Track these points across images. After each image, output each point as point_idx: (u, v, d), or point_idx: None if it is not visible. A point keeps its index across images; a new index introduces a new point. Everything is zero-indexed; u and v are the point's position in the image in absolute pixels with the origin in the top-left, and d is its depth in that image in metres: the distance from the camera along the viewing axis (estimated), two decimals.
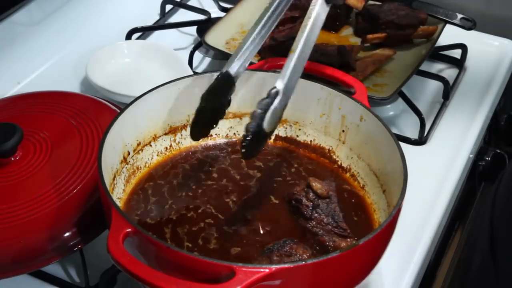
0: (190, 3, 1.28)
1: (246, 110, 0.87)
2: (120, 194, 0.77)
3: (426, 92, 1.11)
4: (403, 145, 0.82)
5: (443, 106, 1.06)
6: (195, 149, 0.86)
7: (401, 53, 1.09)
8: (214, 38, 1.08)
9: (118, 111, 0.78)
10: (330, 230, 0.74)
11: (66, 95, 0.92)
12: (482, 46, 1.19)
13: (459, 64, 1.15)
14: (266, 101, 0.72)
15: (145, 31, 1.20)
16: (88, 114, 0.86)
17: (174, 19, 1.26)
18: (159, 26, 1.22)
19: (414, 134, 1.01)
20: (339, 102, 0.83)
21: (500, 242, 0.82)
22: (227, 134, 0.88)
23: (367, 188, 0.81)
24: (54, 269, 0.81)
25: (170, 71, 1.07)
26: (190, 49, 1.11)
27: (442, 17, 1.11)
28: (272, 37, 1.01)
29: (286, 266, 0.62)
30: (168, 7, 1.26)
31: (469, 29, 1.09)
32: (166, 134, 0.85)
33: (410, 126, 1.03)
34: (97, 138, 0.82)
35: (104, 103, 0.90)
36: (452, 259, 1.00)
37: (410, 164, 0.73)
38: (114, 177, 0.76)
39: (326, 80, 0.87)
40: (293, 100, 0.83)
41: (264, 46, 0.90)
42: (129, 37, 1.15)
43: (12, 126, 0.79)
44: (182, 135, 0.86)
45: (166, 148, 0.85)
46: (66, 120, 0.85)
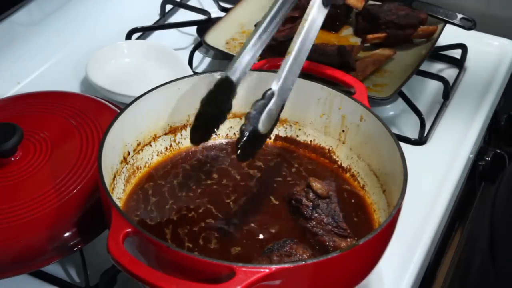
0: (190, 3, 1.28)
1: (246, 110, 0.86)
2: (120, 194, 0.77)
3: (426, 92, 1.11)
4: (403, 145, 0.82)
5: (443, 106, 1.06)
6: (195, 149, 0.86)
7: (401, 53, 1.09)
8: (214, 38, 1.08)
9: (118, 111, 0.78)
10: (330, 230, 0.74)
11: (66, 95, 0.92)
12: (482, 46, 1.19)
13: (459, 64, 1.15)
14: (261, 102, 0.72)
15: (145, 31, 1.20)
16: (88, 114, 0.86)
17: (174, 19, 1.26)
18: (159, 26, 1.22)
19: (414, 134, 1.01)
20: (339, 102, 0.83)
21: (500, 243, 0.82)
22: (227, 134, 0.88)
23: (367, 188, 0.81)
24: (54, 269, 0.81)
25: (170, 71, 1.07)
26: (190, 49, 1.11)
27: (442, 17, 1.11)
28: (272, 37, 1.01)
29: (286, 266, 0.61)
30: (168, 7, 1.26)
31: (469, 29, 1.09)
32: (166, 134, 0.85)
33: (410, 126, 1.03)
34: (97, 138, 0.82)
35: (104, 103, 0.90)
36: (452, 259, 1.00)
37: (410, 164, 0.72)
38: (114, 177, 0.76)
39: (326, 80, 0.87)
40: (293, 100, 0.83)
41: None
42: (129, 37, 1.15)
43: (12, 126, 0.79)
44: (182, 135, 0.86)
45: (166, 148, 0.85)
46: (66, 120, 0.85)
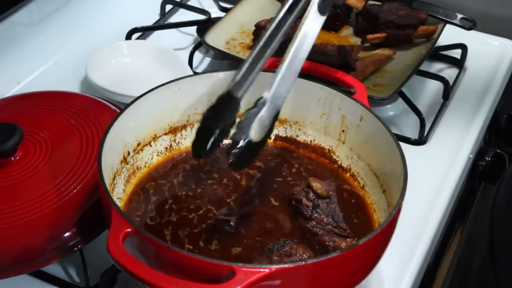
0: (190, 3, 1.28)
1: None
2: (120, 194, 0.77)
3: (426, 92, 1.11)
4: (403, 145, 0.82)
5: (443, 106, 1.06)
6: None
7: (401, 53, 1.09)
8: (214, 38, 1.08)
9: (118, 111, 0.78)
10: (330, 230, 0.74)
11: (66, 95, 0.92)
12: (482, 46, 1.19)
13: (459, 64, 1.15)
14: (253, 110, 0.71)
15: (145, 31, 1.20)
16: (88, 114, 0.86)
17: (174, 19, 1.26)
18: (159, 26, 1.22)
19: (414, 134, 1.01)
20: (339, 102, 0.83)
21: (500, 245, 0.82)
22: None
23: (367, 188, 0.81)
24: (54, 269, 0.80)
25: (170, 71, 1.07)
26: (190, 49, 1.11)
27: (442, 17, 1.11)
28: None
29: (286, 266, 0.61)
30: (168, 7, 1.26)
31: (469, 29, 1.09)
32: (166, 134, 0.85)
33: (410, 126, 1.03)
34: (97, 138, 0.82)
35: (104, 103, 0.90)
36: (452, 260, 1.00)
37: (410, 164, 0.72)
38: (114, 177, 0.76)
39: (326, 80, 0.87)
40: (293, 100, 0.83)
41: None
42: (129, 37, 1.15)
43: (12, 126, 0.79)
44: (182, 135, 0.86)
45: (166, 148, 0.85)
46: (66, 120, 0.85)
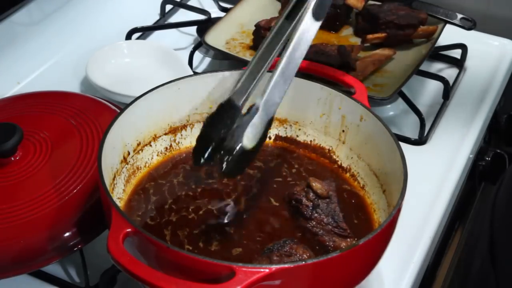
0: (190, 3, 1.28)
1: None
2: (120, 194, 0.77)
3: (426, 92, 1.11)
4: (403, 145, 0.82)
5: (443, 106, 1.06)
6: None
7: (401, 53, 1.09)
8: (214, 38, 1.08)
9: (118, 111, 0.78)
10: (330, 230, 0.74)
11: (66, 95, 0.92)
12: (482, 46, 1.19)
13: (459, 64, 1.15)
14: (246, 117, 0.71)
15: (145, 31, 1.20)
16: (88, 114, 0.86)
17: (174, 19, 1.26)
18: (159, 26, 1.22)
19: (414, 134, 1.01)
20: (339, 102, 0.83)
21: (500, 245, 0.82)
22: None
23: (367, 188, 0.81)
24: (54, 269, 0.80)
25: (170, 71, 1.07)
26: (190, 49, 1.11)
27: (442, 17, 1.11)
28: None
29: (286, 266, 0.61)
30: (168, 7, 1.26)
31: (469, 29, 1.09)
32: (166, 134, 0.85)
33: (410, 126, 1.03)
34: (97, 138, 0.82)
35: (104, 103, 0.90)
36: (452, 260, 1.00)
37: (410, 164, 0.72)
38: (114, 177, 0.76)
39: (326, 80, 0.87)
40: (293, 100, 0.83)
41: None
42: (129, 37, 1.15)
43: (12, 126, 0.79)
44: (182, 135, 0.86)
45: (166, 148, 0.85)
46: (66, 120, 0.85)
